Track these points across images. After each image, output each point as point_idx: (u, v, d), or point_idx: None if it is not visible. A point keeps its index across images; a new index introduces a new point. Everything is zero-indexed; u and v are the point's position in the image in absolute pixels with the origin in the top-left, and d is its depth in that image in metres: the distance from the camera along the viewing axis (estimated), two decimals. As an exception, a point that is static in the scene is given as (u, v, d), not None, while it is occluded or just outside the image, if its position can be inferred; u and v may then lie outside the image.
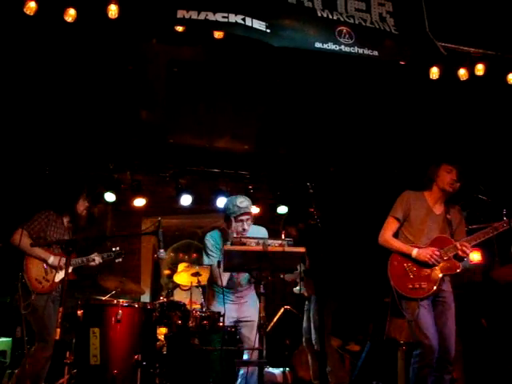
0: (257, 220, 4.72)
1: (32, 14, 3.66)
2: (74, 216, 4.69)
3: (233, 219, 4.09)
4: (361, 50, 4.11)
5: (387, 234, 4.09)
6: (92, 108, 5.64)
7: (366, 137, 6.11)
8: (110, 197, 6.68)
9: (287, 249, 3.30)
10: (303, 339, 5.40)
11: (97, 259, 4.71)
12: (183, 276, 5.71)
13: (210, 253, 4.18)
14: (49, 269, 4.45)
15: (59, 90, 5.24)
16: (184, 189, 6.97)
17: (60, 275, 4.45)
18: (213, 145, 6.60)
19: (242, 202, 4.12)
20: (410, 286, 3.87)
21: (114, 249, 4.84)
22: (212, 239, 4.26)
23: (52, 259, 4.44)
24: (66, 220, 4.71)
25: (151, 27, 4.08)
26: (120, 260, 4.92)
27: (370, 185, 6.81)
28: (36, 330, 4.38)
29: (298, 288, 5.40)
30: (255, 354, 3.61)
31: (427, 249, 3.91)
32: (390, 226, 4.11)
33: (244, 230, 4.08)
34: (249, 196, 7.05)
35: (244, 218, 4.09)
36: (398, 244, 4.03)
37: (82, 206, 4.72)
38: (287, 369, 5.28)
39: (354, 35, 4.11)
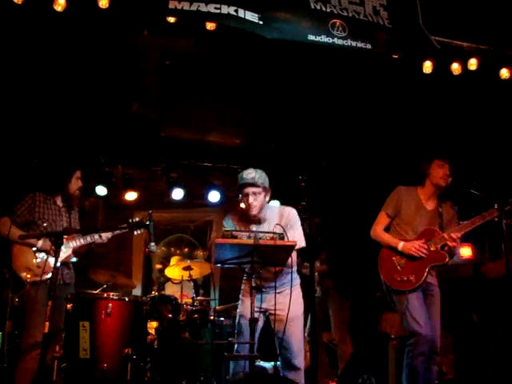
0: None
1: (20, 2, 3.60)
2: (66, 196, 4.43)
3: (240, 194, 3.81)
4: (354, 43, 4.09)
5: (378, 228, 4.17)
6: (83, 100, 5.59)
7: (358, 131, 6.10)
8: (101, 190, 6.64)
9: (279, 242, 3.29)
10: (306, 333, 5.37)
11: (104, 235, 4.30)
12: (174, 270, 5.68)
13: None
14: (40, 254, 4.15)
15: (49, 82, 5.18)
16: (176, 183, 6.94)
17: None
18: (204, 138, 6.56)
19: (249, 173, 3.80)
20: (399, 279, 3.93)
21: (130, 220, 4.12)
22: (226, 225, 3.96)
23: (41, 243, 4.12)
24: (58, 200, 4.45)
25: (142, 18, 4.04)
26: (139, 232, 4.19)
27: (363, 180, 6.81)
28: (25, 322, 4.15)
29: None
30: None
31: (413, 242, 3.97)
32: (381, 221, 4.19)
33: (250, 205, 3.73)
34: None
35: (249, 190, 3.74)
36: (387, 238, 4.10)
37: (75, 186, 4.45)
38: (278, 363, 5.26)
39: (347, 28, 4.09)
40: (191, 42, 4.74)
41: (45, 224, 4.26)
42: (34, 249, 4.15)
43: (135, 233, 4.15)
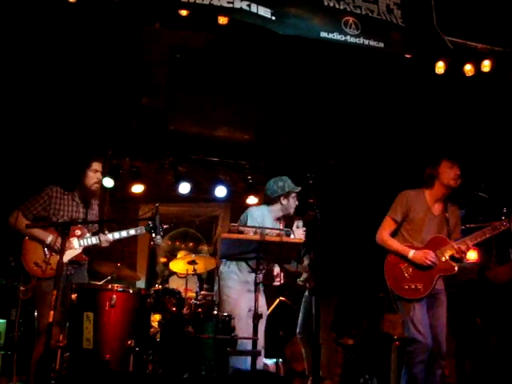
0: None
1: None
2: (84, 192, 4.24)
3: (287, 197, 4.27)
4: (366, 41, 4.07)
5: (384, 234, 4.04)
6: (92, 92, 5.59)
7: (367, 130, 6.08)
8: (108, 182, 6.64)
9: (285, 239, 3.28)
10: (297, 331, 5.38)
11: (103, 240, 4.18)
12: (179, 264, 5.69)
13: None
14: (49, 251, 4.04)
15: (58, 74, 5.19)
16: (183, 177, 6.94)
17: (67, 255, 3.98)
18: (213, 133, 6.57)
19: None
20: (406, 287, 3.85)
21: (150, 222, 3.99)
22: (250, 217, 4.11)
23: (50, 239, 4.02)
24: (77, 196, 4.26)
25: (154, 10, 4.03)
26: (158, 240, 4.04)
27: (370, 179, 6.78)
28: (37, 318, 4.11)
29: (302, 278, 5.36)
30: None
31: (424, 251, 3.86)
32: (388, 226, 4.06)
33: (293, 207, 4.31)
34: (247, 186, 7.10)
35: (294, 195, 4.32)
36: (394, 244, 3.98)
37: (91, 180, 4.22)
38: (280, 360, 5.26)
39: (360, 26, 4.07)
40: (203, 36, 4.73)
41: (59, 220, 4.12)
42: (45, 247, 4.07)
43: (154, 237, 4.03)
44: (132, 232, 4.27)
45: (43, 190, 4.18)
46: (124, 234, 4.27)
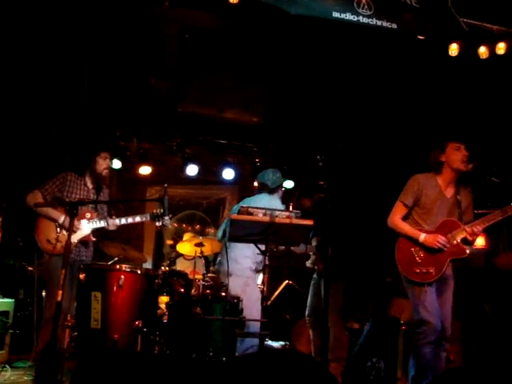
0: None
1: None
2: (94, 177, 4.52)
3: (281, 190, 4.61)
4: (379, 22, 4.01)
5: (396, 218, 4.02)
6: (100, 72, 5.55)
7: (377, 114, 6.01)
8: (115, 163, 6.63)
9: (294, 221, 3.25)
10: (306, 314, 5.38)
11: (111, 223, 4.40)
12: (186, 246, 5.69)
13: None
14: (61, 229, 4.26)
15: (68, 55, 5.15)
16: (190, 159, 6.91)
17: (75, 236, 4.27)
18: (221, 115, 6.51)
19: None
20: (417, 271, 3.84)
21: (154, 211, 4.23)
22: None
23: (62, 219, 4.25)
24: (89, 181, 4.55)
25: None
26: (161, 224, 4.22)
27: (380, 164, 6.72)
28: (46, 291, 4.33)
29: (310, 261, 5.34)
30: None
31: (435, 235, 3.84)
32: (399, 211, 4.03)
33: None
34: (255, 169, 7.07)
35: None
36: (406, 228, 3.96)
37: (100, 166, 4.52)
38: (287, 343, 5.28)
39: (373, 6, 4.01)
40: (212, 16, 4.66)
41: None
42: (60, 221, 4.27)
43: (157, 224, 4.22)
44: (138, 219, 4.42)
45: (60, 174, 4.47)
46: (130, 220, 4.43)
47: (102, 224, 4.36)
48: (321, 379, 2.40)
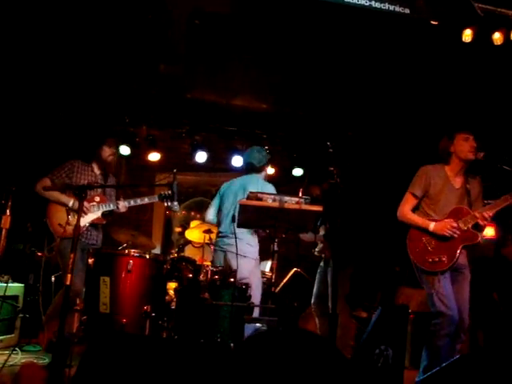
0: (272, 181, 4.68)
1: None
2: (101, 163, 4.71)
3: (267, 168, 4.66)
4: (392, 7, 3.96)
5: (405, 209, 4.03)
6: (109, 59, 5.52)
7: (387, 101, 5.95)
8: (124, 150, 6.63)
9: (304, 207, 3.23)
10: (312, 301, 5.38)
11: (121, 205, 4.57)
12: (194, 232, 5.69)
13: None
14: (72, 213, 4.43)
15: (77, 40, 5.13)
16: (199, 146, 6.89)
17: (86, 219, 4.44)
18: (231, 102, 6.48)
19: None
20: (430, 260, 3.82)
21: (162, 192, 4.35)
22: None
23: (72, 202, 4.42)
24: (96, 167, 4.74)
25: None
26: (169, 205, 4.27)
27: (389, 152, 6.67)
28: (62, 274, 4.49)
29: (317, 249, 5.33)
30: None
31: (444, 222, 3.83)
32: (409, 202, 4.04)
33: None
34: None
35: None
36: (415, 218, 3.97)
37: (106, 153, 4.71)
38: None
39: (385, -10, 3.94)
40: (223, 1, 4.61)
41: None
42: (70, 205, 4.43)
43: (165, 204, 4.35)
44: (146, 200, 4.60)
45: (68, 161, 4.66)
46: (139, 201, 4.60)
47: (112, 206, 4.54)
48: (330, 357, 2.40)
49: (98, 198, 4.50)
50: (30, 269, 5.72)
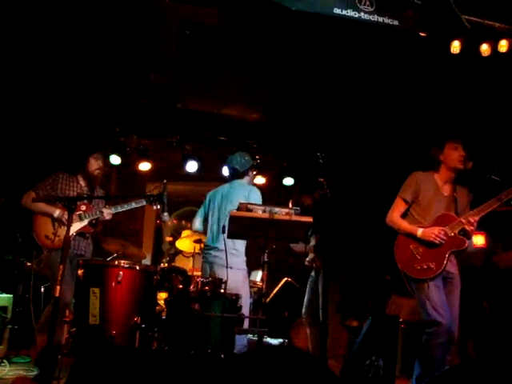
0: (262, 190, 4.68)
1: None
2: (87, 176, 4.63)
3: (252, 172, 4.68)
4: (380, 19, 3.98)
5: (394, 215, 4.03)
6: (99, 68, 5.52)
7: (377, 111, 5.99)
8: (114, 159, 6.62)
9: (294, 217, 3.23)
10: (303, 311, 5.37)
11: (105, 212, 4.49)
12: (185, 242, 5.68)
13: None
14: (57, 223, 4.38)
15: (66, 49, 5.13)
16: (190, 155, 6.89)
17: (72, 229, 4.19)
18: (221, 112, 6.49)
19: None
20: (418, 268, 3.80)
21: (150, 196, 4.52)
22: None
23: (57, 213, 4.35)
24: (81, 179, 4.66)
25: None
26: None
27: (379, 161, 6.71)
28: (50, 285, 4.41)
29: (308, 259, 5.34)
30: None
31: (432, 228, 3.84)
32: (398, 207, 4.05)
33: None
34: (256, 166, 7.04)
35: None
36: (404, 224, 3.97)
37: (93, 166, 4.62)
38: (285, 340, 5.27)
39: (374, 2, 3.98)
40: (213, 12, 4.64)
41: None
42: (56, 215, 4.35)
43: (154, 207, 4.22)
44: (133, 205, 4.53)
45: (53, 173, 4.58)
46: (126, 206, 4.53)
47: (98, 214, 4.46)
48: (319, 375, 2.39)
49: (83, 207, 4.44)
50: (18, 279, 5.68)
